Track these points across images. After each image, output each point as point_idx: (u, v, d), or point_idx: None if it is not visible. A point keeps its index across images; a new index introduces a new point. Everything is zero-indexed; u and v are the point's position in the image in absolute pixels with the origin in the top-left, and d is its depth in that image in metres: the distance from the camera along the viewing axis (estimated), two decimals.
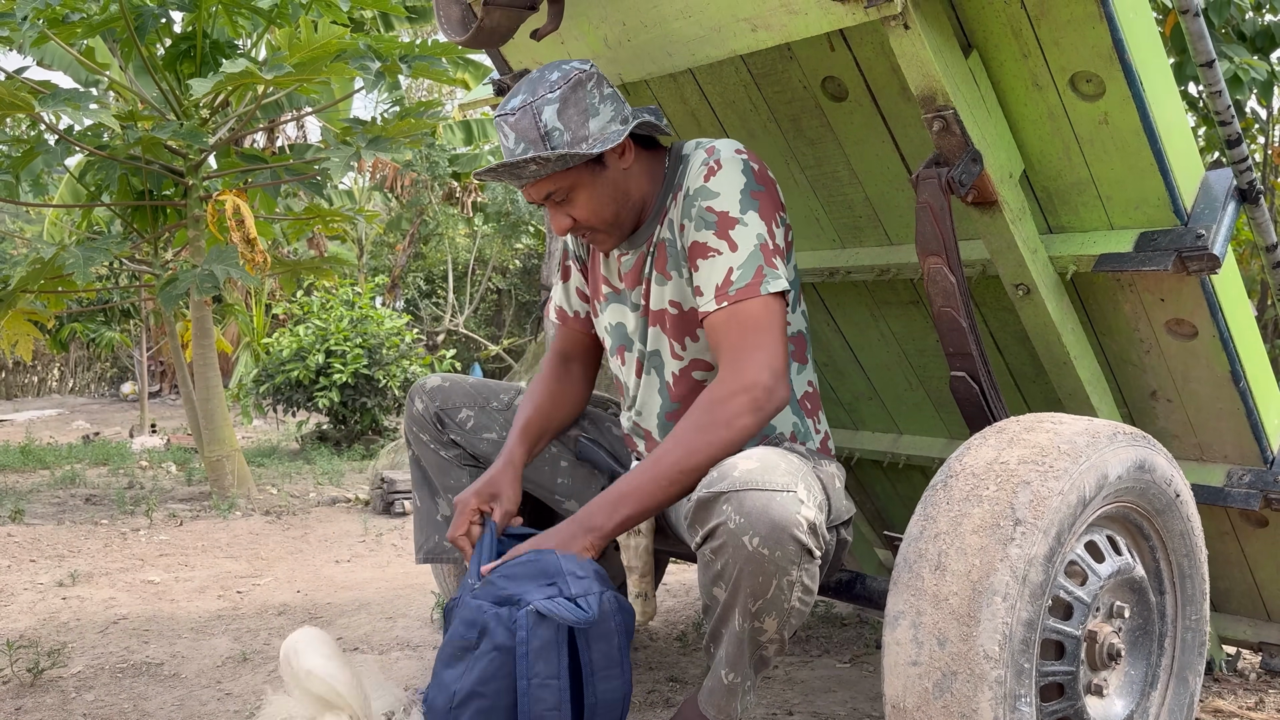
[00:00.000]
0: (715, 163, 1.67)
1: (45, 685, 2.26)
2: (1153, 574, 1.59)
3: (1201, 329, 1.75)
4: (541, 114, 1.62)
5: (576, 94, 1.64)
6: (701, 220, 1.65)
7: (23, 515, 4.51)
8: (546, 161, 1.60)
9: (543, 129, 1.62)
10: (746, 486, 1.44)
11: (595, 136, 1.64)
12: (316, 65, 4.13)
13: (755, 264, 1.62)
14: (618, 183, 1.70)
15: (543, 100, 1.62)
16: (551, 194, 1.68)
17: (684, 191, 1.71)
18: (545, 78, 1.64)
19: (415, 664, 2.41)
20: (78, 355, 17.73)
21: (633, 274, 1.81)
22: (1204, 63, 1.61)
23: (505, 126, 1.65)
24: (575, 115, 1.63)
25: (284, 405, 7.77)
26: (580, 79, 1.65)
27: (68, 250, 4.47)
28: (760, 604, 1.47)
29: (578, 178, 1.66)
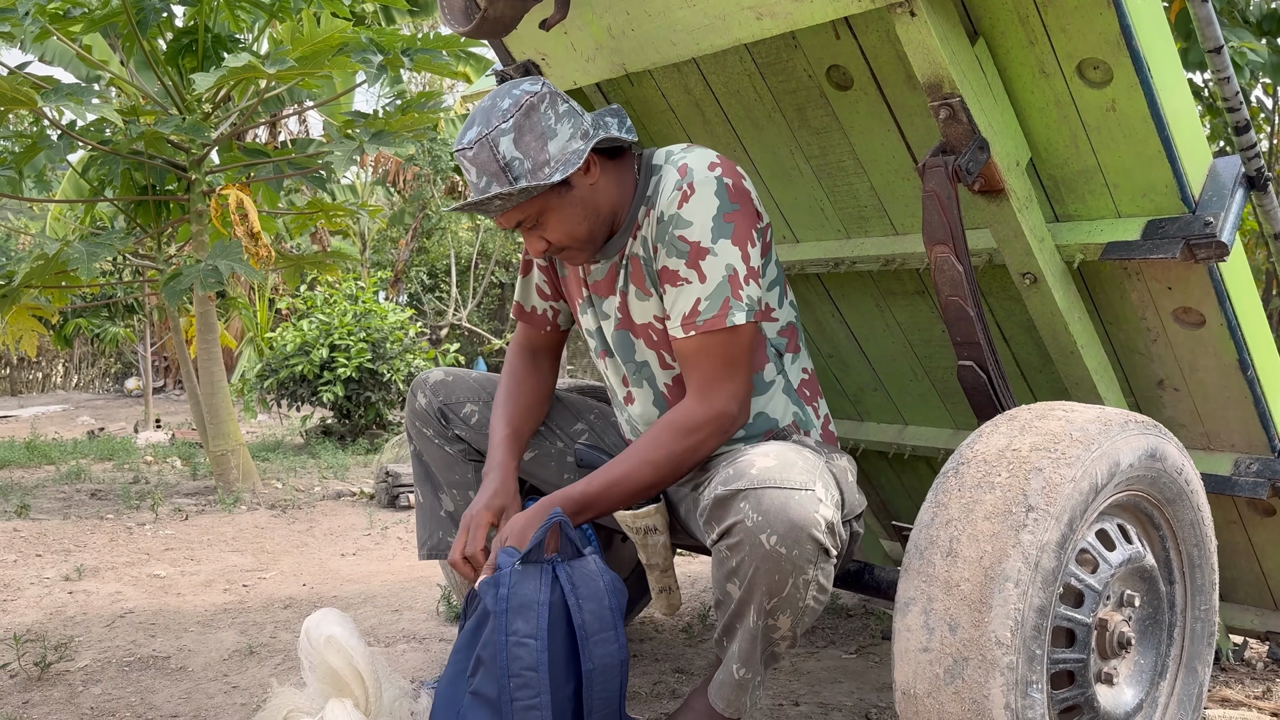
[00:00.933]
0: (689, 186, 1.65)
1: (52, 679, 2.26)
2: (1163, 563, 1.59)
3: (1209, 317, 1.74)
4: (498, 146, 1.60)
5: (530, 119, 1.61)
6: (673, 248, 1.65)
7: (28, 510, 4.51)
8: (510, 196, 1.59)
9: (501, 161, 1.60)
10: (765, 485, 1.44)
11: (556, 159, 1.63)
12: (319, 59, 4.12)
13: (722, 296, 1.63)
14: (586, 200, 1.69)
15: (497, 131, 1.60)
16: (522, 221, 1.67)
17: (656, 214, 1.68)
18: (497, 106, 1.62)
19: (421, 656, 2.41)
20: (82, 351, 17.75)
21: (605, 283, 1.81)
22: (1212, 48, 1.60)
23: (465, 161, 1.63)
24: (533, 141, 1.61)
25: (288, 400, 7.78)
26: (532, 103, 1.62)
27: (71, 246, 4.47)
28: (775, 602, 1.47)
29: (545, 203, 1.65)
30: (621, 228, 1.75)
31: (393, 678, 1.74)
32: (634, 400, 1.85)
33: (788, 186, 2.11)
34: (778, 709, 2.03)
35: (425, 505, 2.07)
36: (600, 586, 1.59)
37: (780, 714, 2.01)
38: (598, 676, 1.57)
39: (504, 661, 1.52)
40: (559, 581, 1.57)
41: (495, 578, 1.56)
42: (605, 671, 1.58)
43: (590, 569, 1.60)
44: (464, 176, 1.69)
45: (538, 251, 1.71)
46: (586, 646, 1.56)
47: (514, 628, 1.53)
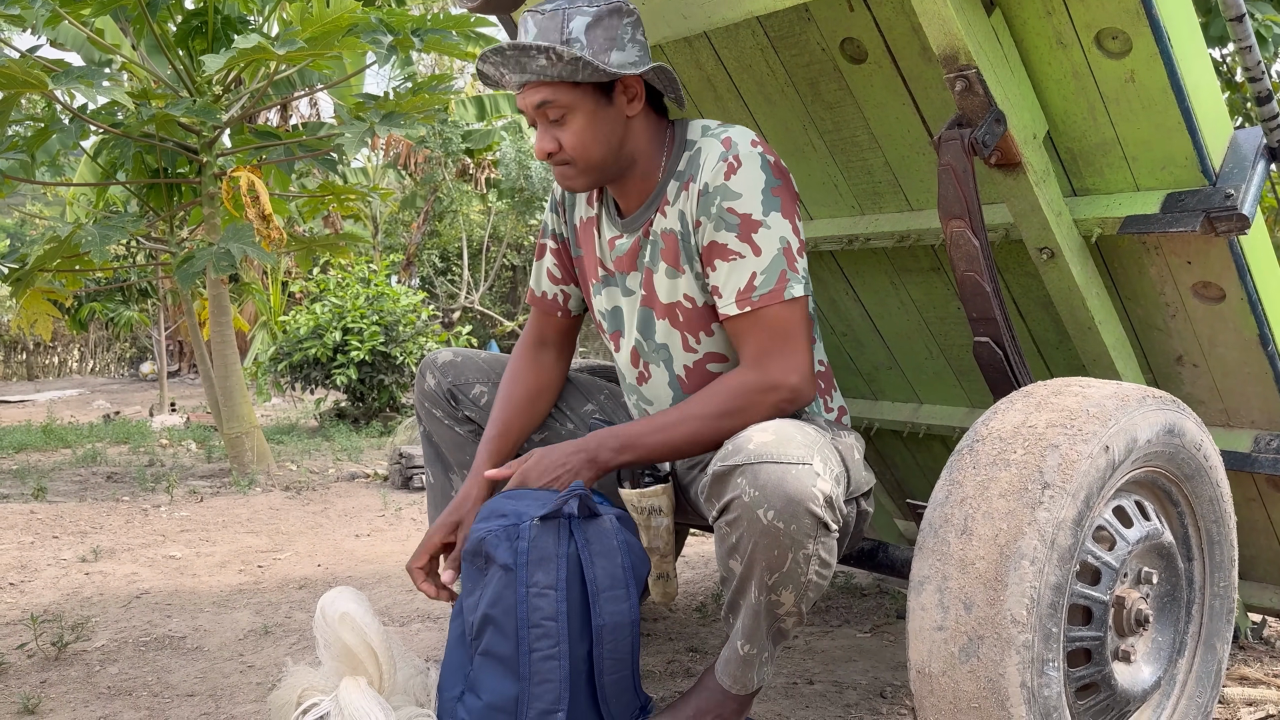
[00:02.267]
0: (734, 159, 1.61)
1: (70, 658, 2.28)
2: (1181, 540, 1.57)
3: (1229, 292, 1.72)
4: (571, 21, 1.56)
5: (611, 19, 1.58)
6: (722, 221, 1.60)
7: (45, 493, 4.54)
8: (558, 59, 1.53)
9: (566, 34, 1.55)
10: (761, 459, 1.42)
11: (613, 68, 1.59)
12: (329, 40, 4.11)
13: (779, 269, 1.59)
14: (615, 126, 1.63)
15: (577, 9, 1.56)
16: (546, 105, 1.59)
17: (699, 186, 1.64)
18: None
19: (436, 635, 2.42)
20: (97, 336, 17.85)
21: (628, 259, 1.76)
22: (1234, 17, 1.57)
23: (530, 21, 1.58)
24: (602, 38, 1.57)
25: (302, 383, 7.80)
26: (621, 7, 1.60)
27: (84, 229, 4.47)
28: (776, 577, 1.45)
29: (579, 100, 1.59)
30: (647, 200, 1.72)
31: (407, 656, 1.75)
32: (647, 380, 1.81)
33: (801, 163, 2.09)
34: (792, 687, 2.03)
35: (436, 486, 2.06)
36: (614, 544, 1.59)
37: (795, 692, 2.00)
38: (608, 634, 1.57)
39: (524, 613, 1.52)
40: (574, 537, 1.56)
41: (514, 530, 1.55)
42: (616, 629, 1.58)
43: (605, 527, 1.59)
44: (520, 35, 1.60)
45: (543, 151, 1.64)
46: (597, 602, 1.56)
47: (534, 579, 1.52)
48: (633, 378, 1.84)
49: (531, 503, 1.58)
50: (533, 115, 1.64)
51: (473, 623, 1.57)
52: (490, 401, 1.98)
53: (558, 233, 1.91)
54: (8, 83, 3.93)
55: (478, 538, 1.58)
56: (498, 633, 1.55)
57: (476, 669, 1.57)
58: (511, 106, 11.59)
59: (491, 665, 1.56)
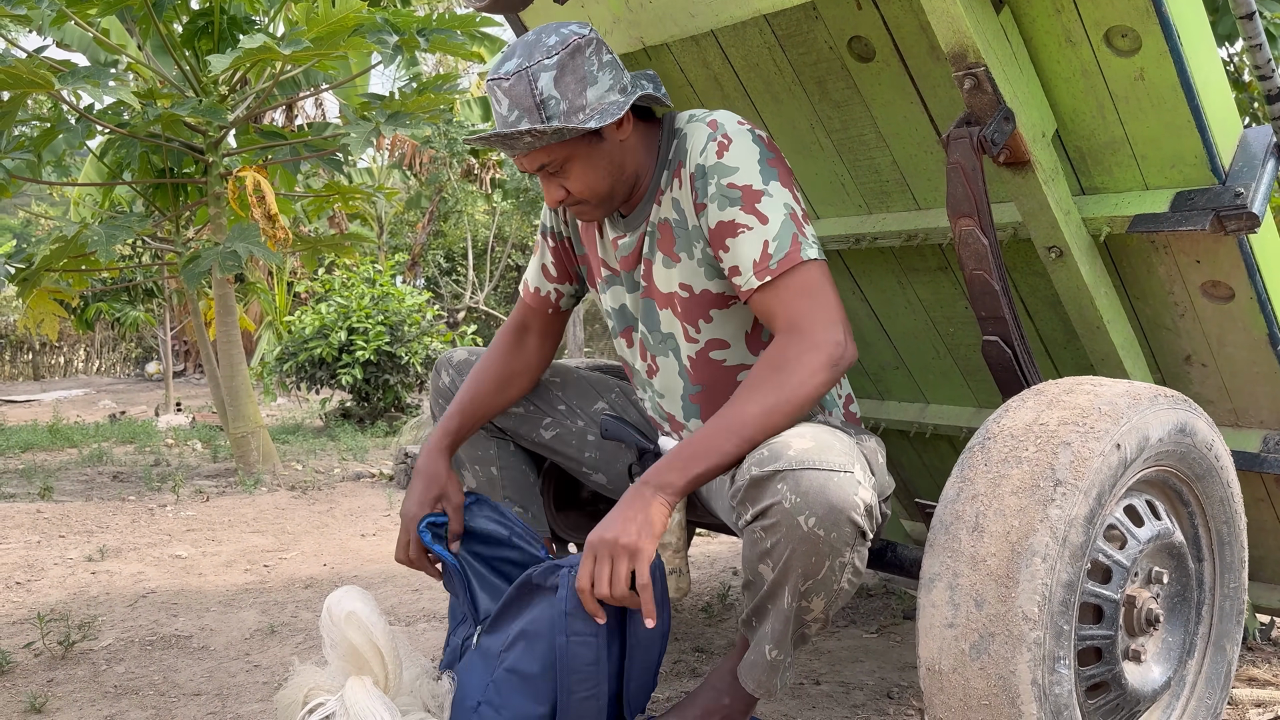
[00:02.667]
0: (724, 137, 1.60)
1: (76, 657, 2.28)
2: (1191, 540, 1.57)
3: (1239, 291, 1.71)
4: (538, 81, 1.54)
5: (575, 60, 1.56)
6: (724, 197, 1.59)
7: (52, 492, 4.55)
8: (542, 134, 1.54)
9: (538, 97, 1.55)
10: (804, 466, 1.41)
11: (593, 107, 1.58)
12: (334, 40, 4.11)
13: (789, 232, 1.56)
14: (614, 155, 1.64)
15: (539, 66, 1.54)
16: (545, 165, 1.61)
17: (690, 170, 1.63)
18: (542, 41, 1.56)
19: (442, 634, 2.42)
20: (103, 336, 17.88)
21: (632, 256, 1.76)
22: (1244, 15, 1.57)
23: (499, 91, 1.57)
24: (573, 83, 1.56)
25: (307, 383, 7.81)
26: (579, 45, 1.57)
27: (90, 229, 4.48)
28: (811, 584, 1.44)
29: (573, 150, 1.59)
30: (644, 196, 1.71)
31: (414, 656, 1.75)
32: (656, 372, 1.81)
33: (808, 161, 2.09)
34: (799, 688, 2.03)
35: None
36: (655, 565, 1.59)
37: (802, 693, 2.00)
38: (640, 650, 1.57)
39: (564, 659, 1.51)
40: None
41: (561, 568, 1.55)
42: (648, 645, 1.57)
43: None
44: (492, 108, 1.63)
45: (554, 201, 1.66)
46: (633, 622, 1.54)
47: (574, 628, 1.51)
48: (644, 371, 1.84)
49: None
50: (533, 172, 1.65)
51: (508, 636, 1.58)
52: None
53: (557, 231, 1.91)
54: (15, 83, 3.94)
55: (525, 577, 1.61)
56: (529, 651, 1.55)
57: (500, 682, 1.57)
58: None
59: (516, 683, 1.56)
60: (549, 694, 1.55)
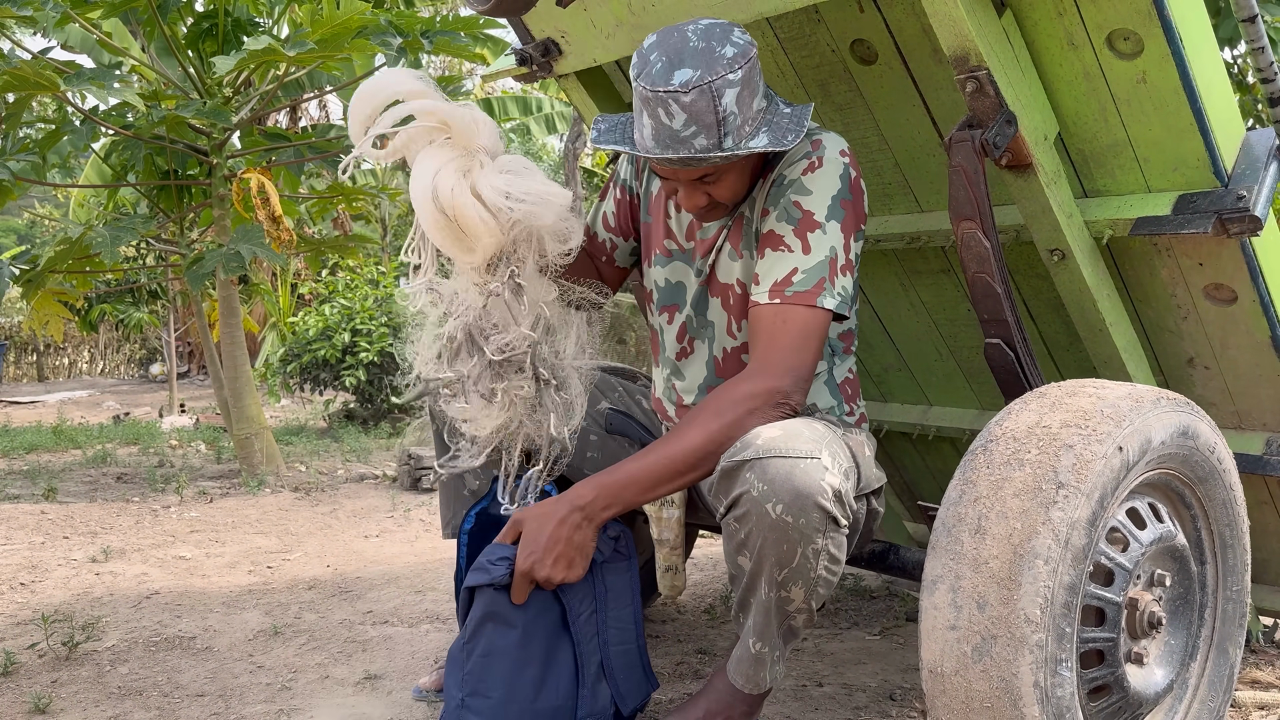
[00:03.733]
0: (818, 159, 1.61)
1: (80, 658, 2.28)
2: (1194, 543, 1.57)
3: (1241, 294, 1.71)
4: (722, 97, 1.47)
5: (753, 74, 1.51)
6: (785, 212, 1.60)
7: (56, 494, 4.56)
8: (731, 156, 1.50)
9: (721, 113, 1.48)
10: (770, 454, 1.42)
11: (755, 118, 1.53)
12: (338, 42, 4.12)
13: (820, 274, 1.57)
14: (755, 163, 1.65)
15: (724, 82, 1.47)
16: (706, 176, 1.58)
17: (775, 176, 1.64)
18: (719, 53, 1.48)
19: (445, 636, 2.42)
20: (107, 337, 17.91)
21: (709, 243, 1.75)
22: (1246, 18, 1.57)
23: (674, 105, 1.48)
24: (748, 98, 1.51)
25: (311, 384, 7.81)
26: (755, 57, 1.52)
27: (95, 230, 4.49)
28: (786, 573, 1.45)
29: (733, 164, 1.58)
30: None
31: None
32: (688, 355, 1.80)
33: None
34: (801, 690, 2.03)
35: (449, 484, 2.06)
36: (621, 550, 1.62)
37: (804, 695, 2.00)
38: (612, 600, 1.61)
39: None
40: None
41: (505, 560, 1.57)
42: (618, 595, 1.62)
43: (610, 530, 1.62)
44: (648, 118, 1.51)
45: (695, 206, 1.62)
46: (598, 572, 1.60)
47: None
48: (673, 352, 1.83)
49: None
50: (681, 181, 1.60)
51: (466, 632, 1.58)
52: None
53: (629, 186, 1.89)
54: (20, 84, 3.95)
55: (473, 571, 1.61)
56: (499, 629, 1.55)
57: (475, 672, 1.57)
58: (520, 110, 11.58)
59: (494, 662, 1.57)
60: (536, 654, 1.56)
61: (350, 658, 2.28)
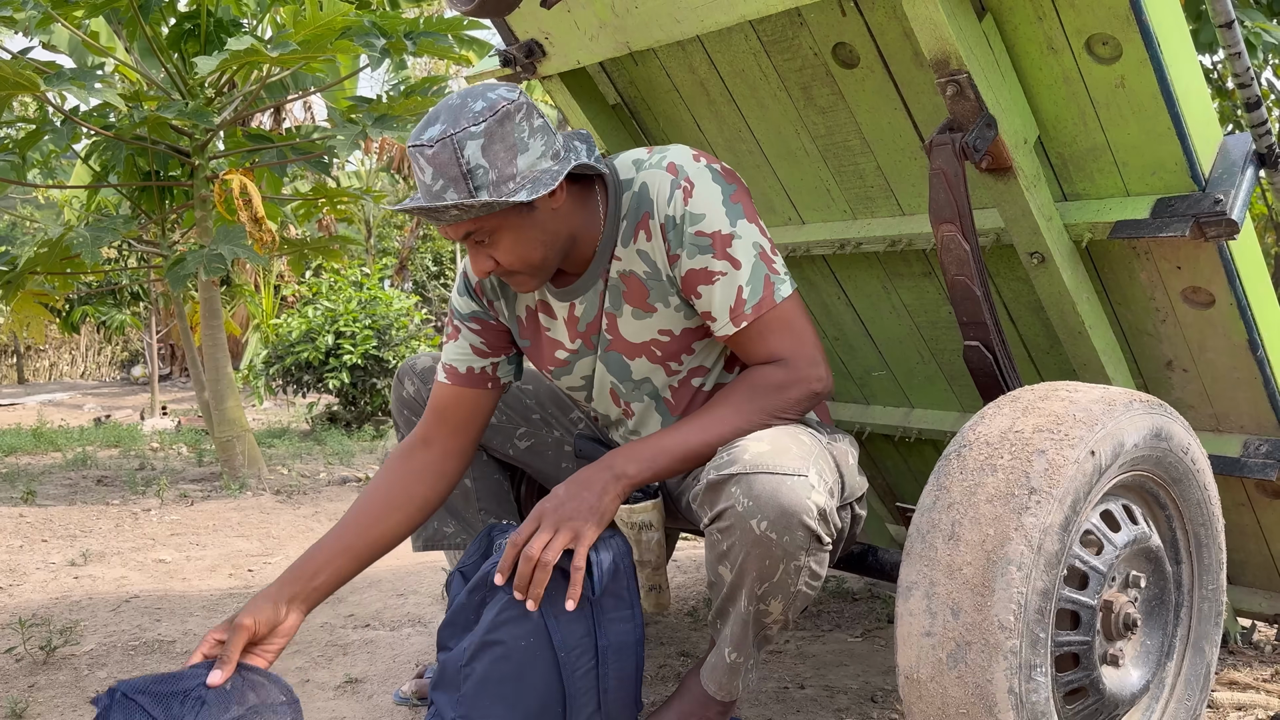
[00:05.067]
0: (686, 182, 1.57)
1: (58, 662, 2.27)
2: (1169, 543, 1.57)
3: (1219, 297, 1.73)
4: (464, 149, 1.45)
5: (504, 128, 1.47)
6: (695, 246, 1.56)
7: (35, 496, 4.52)
8: (469, 208, 1.46)
9: (464, 166, 1.46)
10: (757, 470, 1.42)
11: (524, 175, 1.49)
12: (321, 42, 4.10)
13: (761, 274, 1.57)
14: (547, 224, 1.55)
15: (465, 134, 1.45)
16: (472, 234, 1.53)
17: (659, 220, 1.58)
18: (468, 107, 1.47)
19: (426, 640, 2.41)
20: (88, 340, 17.80)
21: (594, 322, 1.70)
22: (1223, 24, 1.58)
23: (421, 159, 1.48)
24: (502, 152, 1.47)
25: (294, 387, 7.78)
26: (508, 111, 1.48)
27: (75, 231, 4.46)
28: (766, 587, 1.45)
29: (503, 220, 1.51)
30: (594, 256, 1.65)
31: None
32: (633, 415, 1.77)
33: (793, 167, 2.09)
34: (783, 692, 2.03)
35: None
36: (620, 567, 1.59)
37: (786, 697, 2.00)
38: (613, 654, 1.58)
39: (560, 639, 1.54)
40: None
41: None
42: (620, 650, 1.58)
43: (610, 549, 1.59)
44: (416, 176, 1.53)
45: (483, 271, 1.57)
46: (601, 624, 1.56)
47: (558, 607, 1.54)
48: (616, 415, 1.80)
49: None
50: (459, 240, 1.56)
51: (467, 648, 1.56)
52: None
53: (479, 314, 1.78)
54: (0, 84, 3.92)
55: (484, 572, 1.58)
56: (505, 658, 1.53)
57: (471, 697, 1.55)
58: None
59: (492, 691, 1.55)
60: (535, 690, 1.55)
61: (331, 662, 2.27)
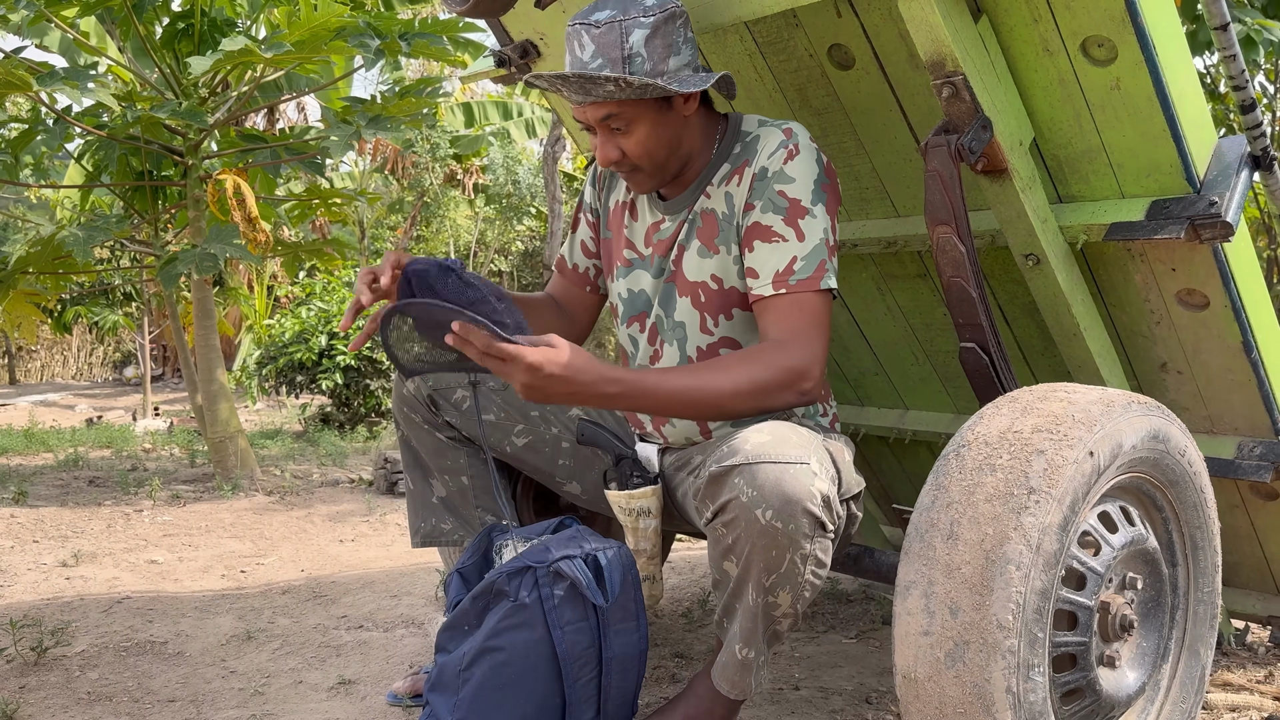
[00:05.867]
0: (794, 147, 1.64)
1: (49, 664, 2.26)
2: (1165, 546, 1.58)
3: (1213, 299, 1.73)
4: (630, 35, 1.55)
5: (669, 26, 1.58)
6: (771, 203, 1.62)
7: (26, 497, 4.50)
8: (627, 85, 1.53)
9: (627, 50, 1.55)
10: (759, 459, 1.42)
11: (672, 74, 1.59)
12: (316, 43, 4.09)
13: (819, 258, 1.60)
14: (677, 128, 1.66)
15: (634, 21, 1.55)
16: (611, 118, 1.60)
17: (754, 170, 1.66)
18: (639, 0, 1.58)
19: (420, 641, 2.40)
20: (81, 340, 17.74)
21: (668, 242, 1.77)
22: (1219, 26, 1.58)
23: (585, 35, 1.56)
24: (661, 47, 1.57)
25: (287, 387, 7.76)
26: (674, 12, 1.59)
27: (68, 230, 4.44)
28: (774, 578, 1.45)
29: (644, 111, 1.60)
30: (692, 183, 1.74)
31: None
32: (659, 359, 1.81)
33: None
34: (778, 693, 2.02)
35: (416, 492, 2.03)
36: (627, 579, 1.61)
37: (781, 698, 2.00)
38: (616, 665, 1.60)
39: (564, 649, 1.57)
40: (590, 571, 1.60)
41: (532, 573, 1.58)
42: (624, 661, 1.60)
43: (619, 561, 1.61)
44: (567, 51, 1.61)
45: (608, 159, 1.65)
46: (607, 635, 1.59)
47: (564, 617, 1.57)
48: (645, 357, 1.83)
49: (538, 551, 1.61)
50: (594, 125, 1.64)
51: (466, 653, 1.57)
52: (472, 407, 1.96)
53: (594, 208, 1.94)
54: None
55: (490, 580, 1.60)
56: (505, 665, 1.55)
57: (469, 702, 1.56)
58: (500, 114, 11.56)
59: (491, 698, 1.56)
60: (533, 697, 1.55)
61: (324, 663, 2.26)
